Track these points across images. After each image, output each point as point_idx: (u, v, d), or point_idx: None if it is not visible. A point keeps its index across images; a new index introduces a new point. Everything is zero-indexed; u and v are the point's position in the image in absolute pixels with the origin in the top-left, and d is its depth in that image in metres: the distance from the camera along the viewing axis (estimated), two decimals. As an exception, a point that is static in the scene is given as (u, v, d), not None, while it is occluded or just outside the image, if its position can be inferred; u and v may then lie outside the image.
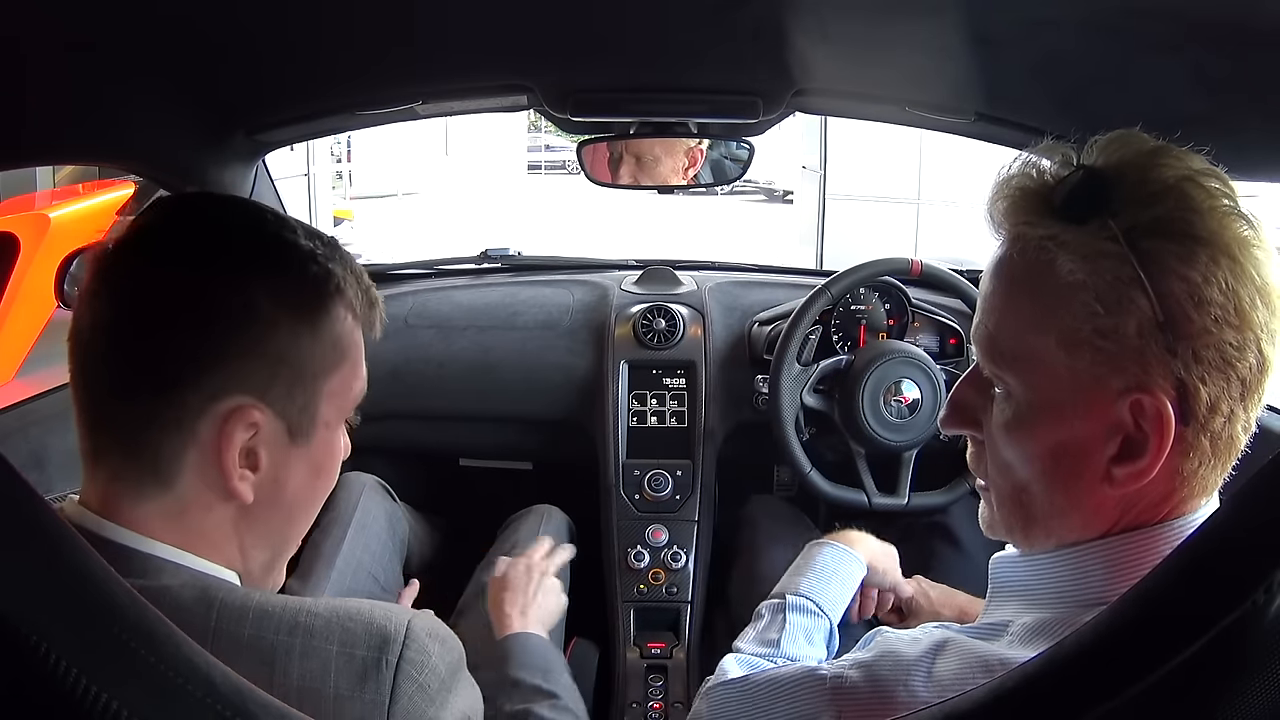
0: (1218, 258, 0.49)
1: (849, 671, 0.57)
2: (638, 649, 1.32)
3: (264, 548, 0.61)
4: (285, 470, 0.58)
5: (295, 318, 0.57)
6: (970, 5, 0.74)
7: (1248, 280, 0.49)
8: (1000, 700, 0.38)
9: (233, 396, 0.54)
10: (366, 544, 1.18)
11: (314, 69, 0.98)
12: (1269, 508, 0.35)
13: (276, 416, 0.56)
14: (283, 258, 0.58)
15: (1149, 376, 0.50)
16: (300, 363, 0.57)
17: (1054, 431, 0.54)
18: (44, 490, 0.38)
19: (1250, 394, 0.51)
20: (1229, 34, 0.62)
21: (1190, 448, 0.51)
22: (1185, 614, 0.35)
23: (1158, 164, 0.52)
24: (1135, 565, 0.52)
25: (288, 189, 4.68)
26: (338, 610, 0.55)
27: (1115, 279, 0.50)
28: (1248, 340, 0.50)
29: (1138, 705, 0.34)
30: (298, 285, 0.58)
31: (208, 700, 0.37)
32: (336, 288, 0.59)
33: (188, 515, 0.56)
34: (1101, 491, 0.53)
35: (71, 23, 0.65)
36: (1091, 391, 0.52)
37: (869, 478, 1.32)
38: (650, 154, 1.31)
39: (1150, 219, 0.50)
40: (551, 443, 1.52)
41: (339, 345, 0.60)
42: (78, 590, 0.36)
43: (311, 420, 0.59)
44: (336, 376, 0.60)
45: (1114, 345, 0.50)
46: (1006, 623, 0.56)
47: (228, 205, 0.65)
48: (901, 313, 1.43)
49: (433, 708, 0.56)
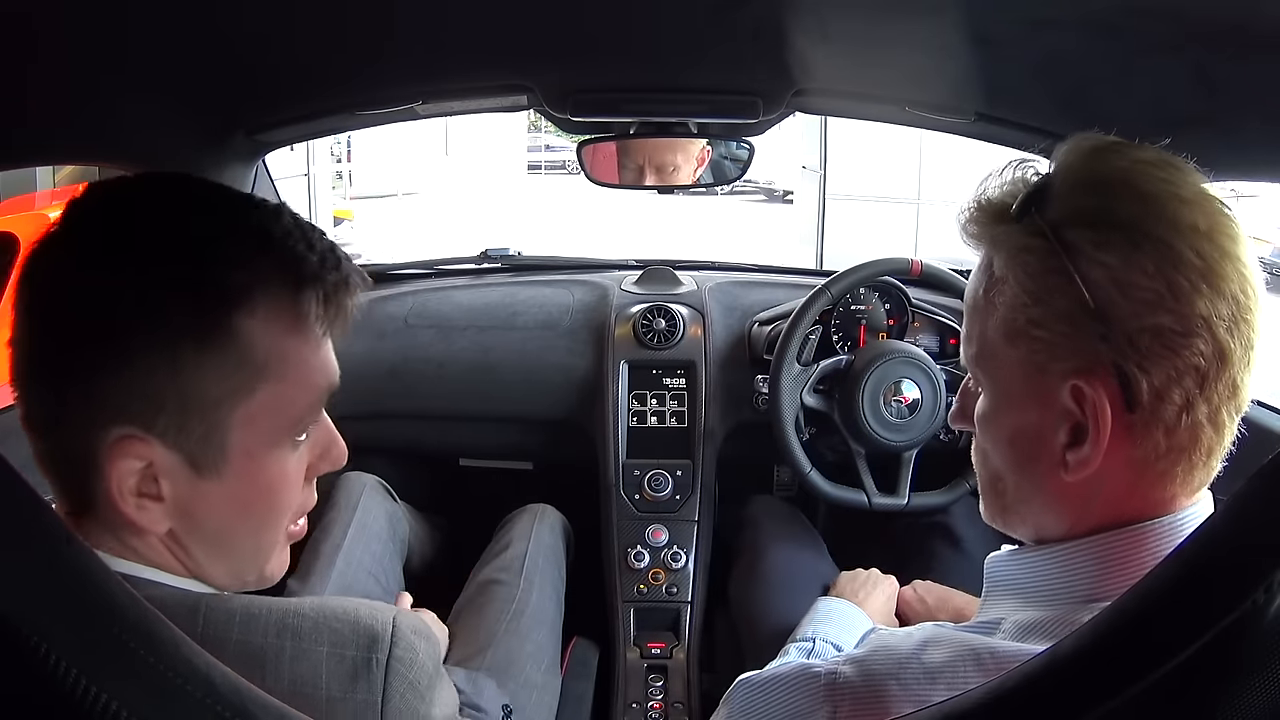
0: (1139, 241, 0.50)
1: (843, 668, 0.58)
2: (638, 649, 1.32)
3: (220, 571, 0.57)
4: (196, 503, 0.52)
5: (177, 332, 0.49)
6: (970, 5, 0.74)
7: (1184, 264, 0.49)
8: (1000, 700, 0.38)
9: (119, 426, 0.49)
10: (366, 544, 1.18)
11: (314, 69, 0.98)
12: (1269, 507, 0.35)
13: (169, 449, 0.50)
14: (168, 256, 0.50)
15: (1088, 363, 0.51)
16: (190, 390, 0.50)
17: (1012, 419, 0.57)
18: (44, 490, 0.38)
19: (1210, 385, 0.50)
20: (1229, 34, 0.62)
21: (1140, 437, 0.51)
22: (1185, 614, 0.35)
23: (1096, 159, 0.54)
24: (1126, 562, 0.53)
25: (288, 189, 4.67)
26: (324, 610, 0.55)
27: (1041, 270, 0.52)
28: (1193, 326, 0.49)
29: (1138, 705, 0.34)
30: (185, 287, 0.49)
31: (207, 700, 0.37)
32: (238, 298, 0.50)
33: (127, 539, 0.53)
34: (1058, 478, 0.54)
35: (71, 22, 0.65)
36: (1036, 379, 0.54)
37: (869, 478, 1.32)
38: (671, 163, 1.32)
39: (1073, 209, 0.52)
40: (552, 443, 1.52)
41: (251, 365, 0.51)
42: (78, 590, 0.36)
43: (220, 452, 0.52)
44: (254, 400, 0.52)
45: (1048, 334, 0.53)
46: (999, 620, 0.56)
47: (134, 195, 0.55)
48: (901, 313, 1.43)
49: (423, 704, 0.56)
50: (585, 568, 1.38)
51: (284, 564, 0.62)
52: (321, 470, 0.61)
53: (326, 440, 0.60)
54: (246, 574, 0.59)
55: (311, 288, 0.54)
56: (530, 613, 1.15)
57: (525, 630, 1.13)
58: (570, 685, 1.20)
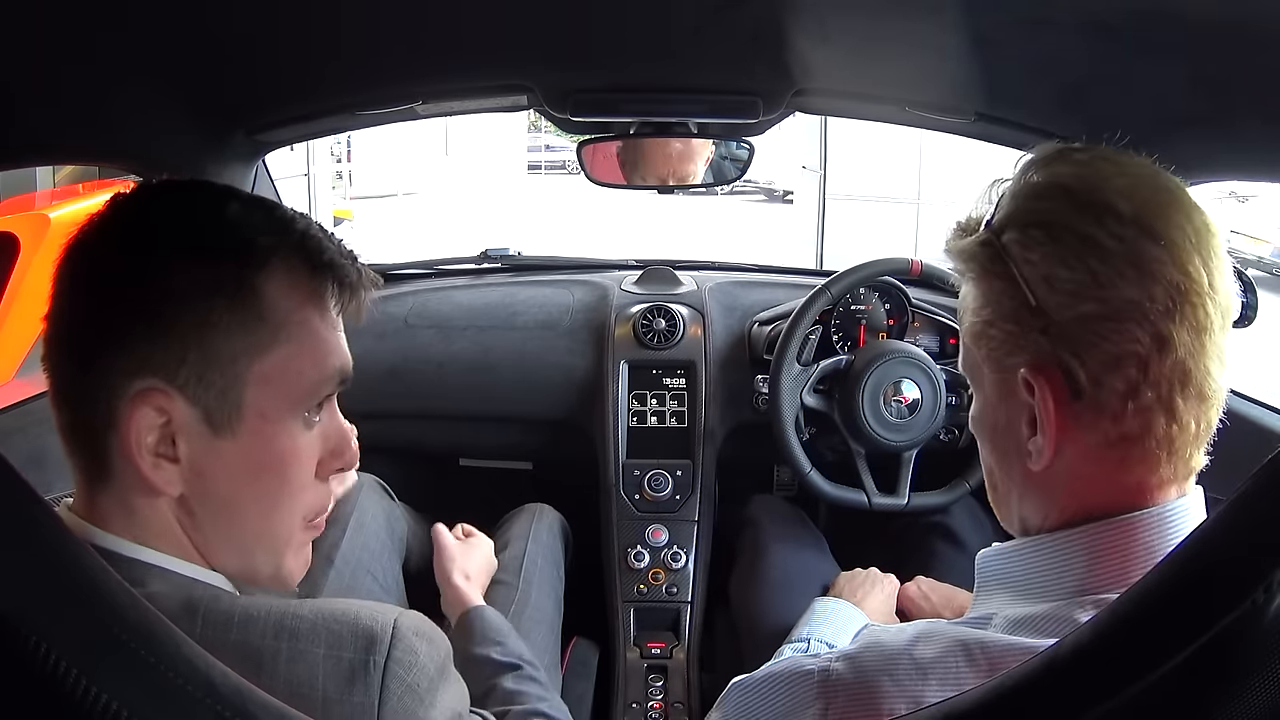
0: (1059, 235, 0.52)
1: (835, 664, 0.58)
2: (638, 649, 1.32)
3: (225, 550, 0.57)
4: (209, 463, 0.54)
5: (208, 292, 0.53)
6: (970, 5, 0.74)
7: (1103, 251, 0.51)
8: (1000, 700, 0.38)
9: (142, 378, 0.52)
10: (365, 543, 1.18)
11: (314, 69, 0.98)
12: (1268, 507, 0.35)
13: (190, 402, 0.53)
14: (204, 230, 0.55)
15: (1035, 357, 0.54)
16: (212, 342, 0.53)
17: (989, 416, 0.60)
18: (44, 490, 0.38)
19: (1153, 369, 0.51)
20: (1229, 34, 0.62)
21: (1089, 425, 0.53)
22: (1185, 614, 0.35)
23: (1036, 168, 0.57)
24: (1114, 554, 0.53)
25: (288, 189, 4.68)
26: (323, 612, 0.54)
27: (983, 273, 0.56)
28: (1122, 313, 0.50)
29: (1137, 705, 0.34)
30: (213, 257, 0.54)
31: (208, 700, 0.37)
32: (262, 259, 0.55)
33: (134, 511, 0.54)
34: (1025, 467, 0.56)
35: (71, 22, 0.65)
36: (999, 376, 0.57)
37: (869, 478, 1.32)
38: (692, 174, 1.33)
39: (1007, 214, 0.56)
40: (551, 443, 1.52)
41: (270, 323, 0.55)
42: (78, 590, 0.36)
43: (235, 408, 0.54)
44: (269, 359, 0.55)
45: (999, 332, 0.56)
46: (991, 615, 0.56)
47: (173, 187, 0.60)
48: (901, 313, 1.43)
49: (422, 707, 0.55)
50: (585, 568, 1.38)
51: (304, 564, 0.62)
52: (333, 469, 0.61)
53: (340, 438, 0.62)
54: (259, 562, 0.59)
55: (329, 271, 0.58)
56: (529, 613, 1.15)
57: (525, 630, 1.13)
58: (570, 685, 1.20)
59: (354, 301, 0.59)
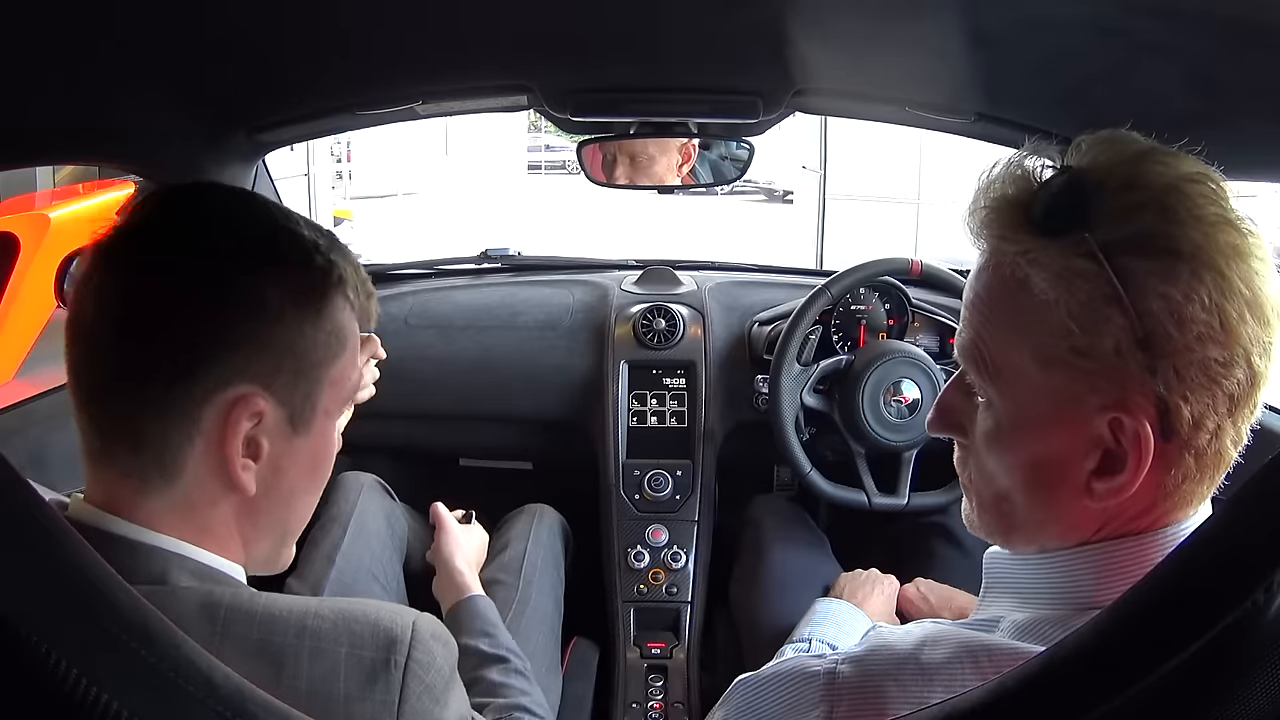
0: (1201, 273, 0.47)
1: (841, 666, 0.57)
2: (638, 649, 1.32)
3: (265, 540, 0.61)
4: (286, 459, 0.59)
5: (300, 308, 0.58)
6: (970, 4, 0.74)
7: (1235, 294, 0.47)
8: (1000, 700, 0.38)
9: (238, 385, 0.55)
10: (366, 543, 1.18)
11: (314, 69, 0.98)
12: (1269, 507, 0.35)
13: (279, 405, 0.57)
14: (289, 249, 0.59)
15: (1128, 394, 0.49)
16: (303, 352, 0.58)
17: (1033, 445, 0.54)
18: (44, 490, 0.38)
19: (1238, 409, 0.49)
20: (1228, 33, 0.62)
21: (1172, 463, 0.50)
22: (1185, 614, 0.35)
23: (1142, 170, 0.50)
24: (1125, 571, 0.52)
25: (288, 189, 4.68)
26: (343, 612, 0.56)
27: (1091, 298, 0.49)
28: (1235, 356, 0.48)
29: (1138, 705, 0.34)
30: (303, 276, 0.59)
31: (208, 701, 0.37)
32: (339, 279, 0.60)
33: (195, 510, 0.56)
34: (1081, 504, 0.52)
35: (72, 22, 0.65)
36: (1069, 408, 0.51)
37: (869, 478, 1.32)
38: (645, 154, 1.31)
39: (1130, 233, 0.48)
40: (551, 443, 1.52)
41: (339, 335, 0.60)
42: (78, 591, 0.36)
43: (313, 409, 0.59)
44: (337, 366, 0.61)
45: (1091, 363, 0.50)
46: (998, 619, 0.56)
47: (230, 195, 0.65)
48: (901, 313, 1.43)
49: (437, 707, 0.56)
50: (585, 568, 1.38)
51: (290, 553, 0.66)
52: None
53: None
54: (282, 550, 0.64)
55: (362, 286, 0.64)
56: (530, 613, 1.16)
57: (525, 630, 1.13)
58: (570, 685, 1.20)
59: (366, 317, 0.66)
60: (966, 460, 0.60)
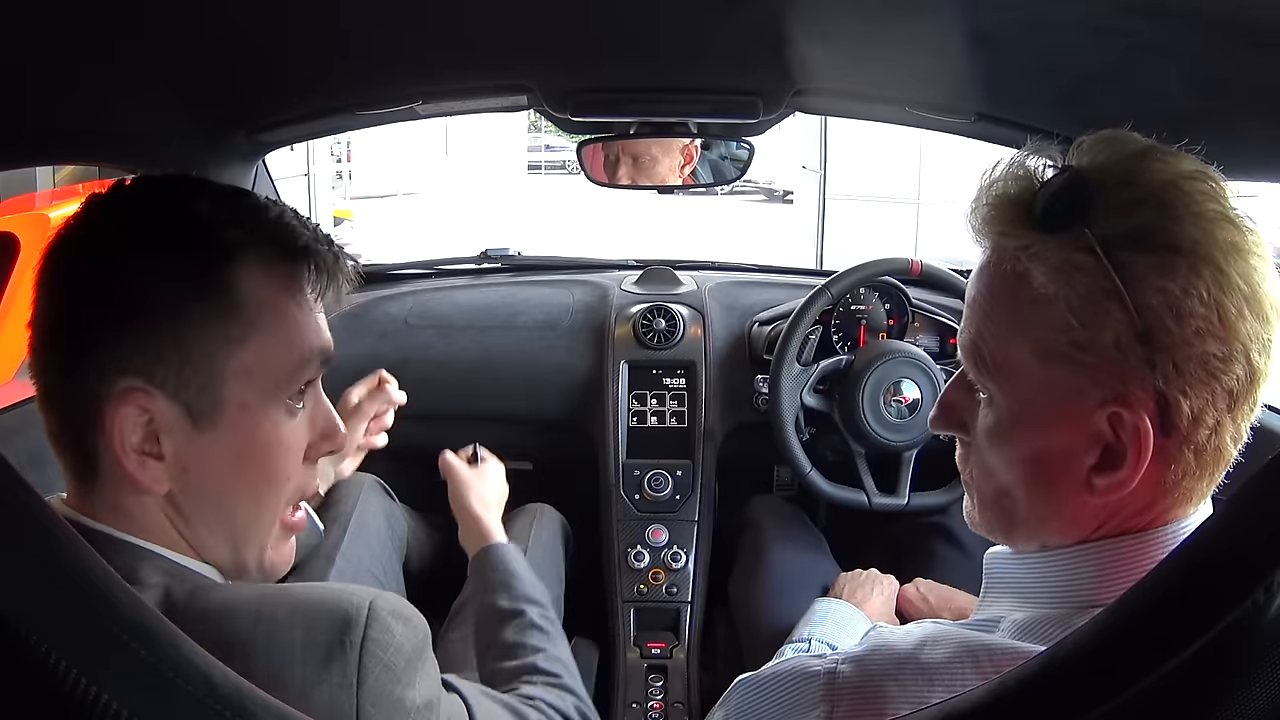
0: (1199, 268, 0.48)
1: (841, 666, 0.57)
2: (638, 649, 1.32)
3: (212, 541, 0.58)
4: (193, 459, 0.55)
5: (179, 290, 0.54)
6: (970, 5, 0.74)
7: (1233, 290, 0.48)
8: (1000, 700, 0.38)
9: (122, 379, 0.53)
10: (366, 543, 1.18)
11: (314, 69, 0.98)
12: (1269, 506, 0.35)
13: (170, 400, 0.54)
14: (173, 227, 0.55)
15: (1128, 389, 0.49)
16: (189, 339, 0.54)
17: (1034, 440, 0.54)
18: (44, 490, 0.38)
19: (1238, 405, 0.49)
20: (1228, 34, 0.62)
21: (1172, 459, 0.50)
22: (1186, 613, 0.35)
23: (1141, 168, 0.50)
24: (1127, 569, 0.52)
25: (288, 189, 4.67)
26: (298, 597, 0.55)
27: (1090, 292, 0.49)
28: (1234, 351, 0.48)
29: (1138, 705, 0.34)
30: (183, 254, 0.54)
31: (207, 700, 0.37)
32: (232, 252, 0.55)
33: (123, 508, 0.55)
34: (1081, 499, 0.53)
35: (72, 23, 0.65)
36: (1070, 403, 0.51)
37: (869, 478, 1.32)
38: (648, 154, 1.31)
39: (1128, 228, 0.49)
40: (552, 443, 1.52)
41: (244, 315, 0.55)
42: (77, 590, 0.36)
43: (215, 403, 0.55)
44: (247, 351, 0.55)
45: (1091, 358, 0.50)
46: (999, 619, 0.56)
47: (144, 188, 0.60)
48: (901, 313, 1.43)
49: (399, 686, 0.55)
50: (585, 568, 1.38)
51: (288, 556, 0.63)
52: (323, 451, 0.62)
53: (327, 420, 0.62)
54: (248, 553, 0.60)
55: (304, 256, 0.58)
56: (530, 613, 1.15)
57: (525, 630, 1.12)
58: (570, 685, 1.19)
59: (331, 285, 0.59)
60: (968, 457, 0.61)
